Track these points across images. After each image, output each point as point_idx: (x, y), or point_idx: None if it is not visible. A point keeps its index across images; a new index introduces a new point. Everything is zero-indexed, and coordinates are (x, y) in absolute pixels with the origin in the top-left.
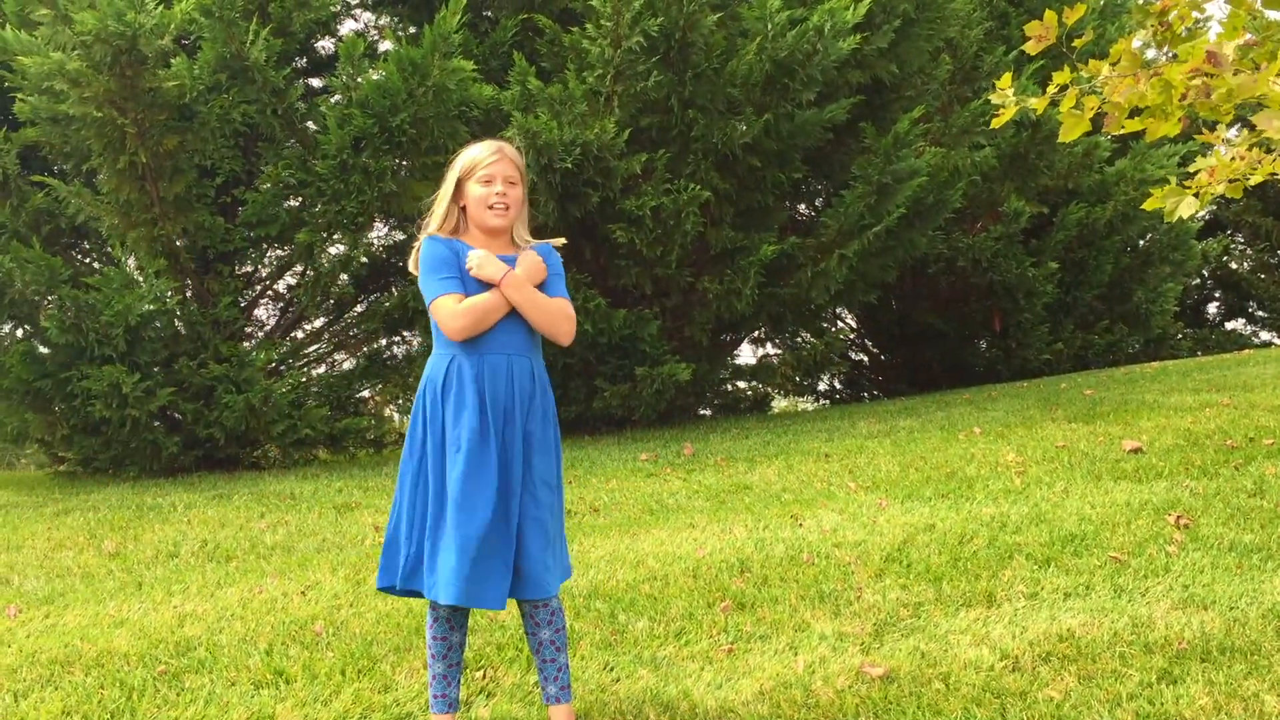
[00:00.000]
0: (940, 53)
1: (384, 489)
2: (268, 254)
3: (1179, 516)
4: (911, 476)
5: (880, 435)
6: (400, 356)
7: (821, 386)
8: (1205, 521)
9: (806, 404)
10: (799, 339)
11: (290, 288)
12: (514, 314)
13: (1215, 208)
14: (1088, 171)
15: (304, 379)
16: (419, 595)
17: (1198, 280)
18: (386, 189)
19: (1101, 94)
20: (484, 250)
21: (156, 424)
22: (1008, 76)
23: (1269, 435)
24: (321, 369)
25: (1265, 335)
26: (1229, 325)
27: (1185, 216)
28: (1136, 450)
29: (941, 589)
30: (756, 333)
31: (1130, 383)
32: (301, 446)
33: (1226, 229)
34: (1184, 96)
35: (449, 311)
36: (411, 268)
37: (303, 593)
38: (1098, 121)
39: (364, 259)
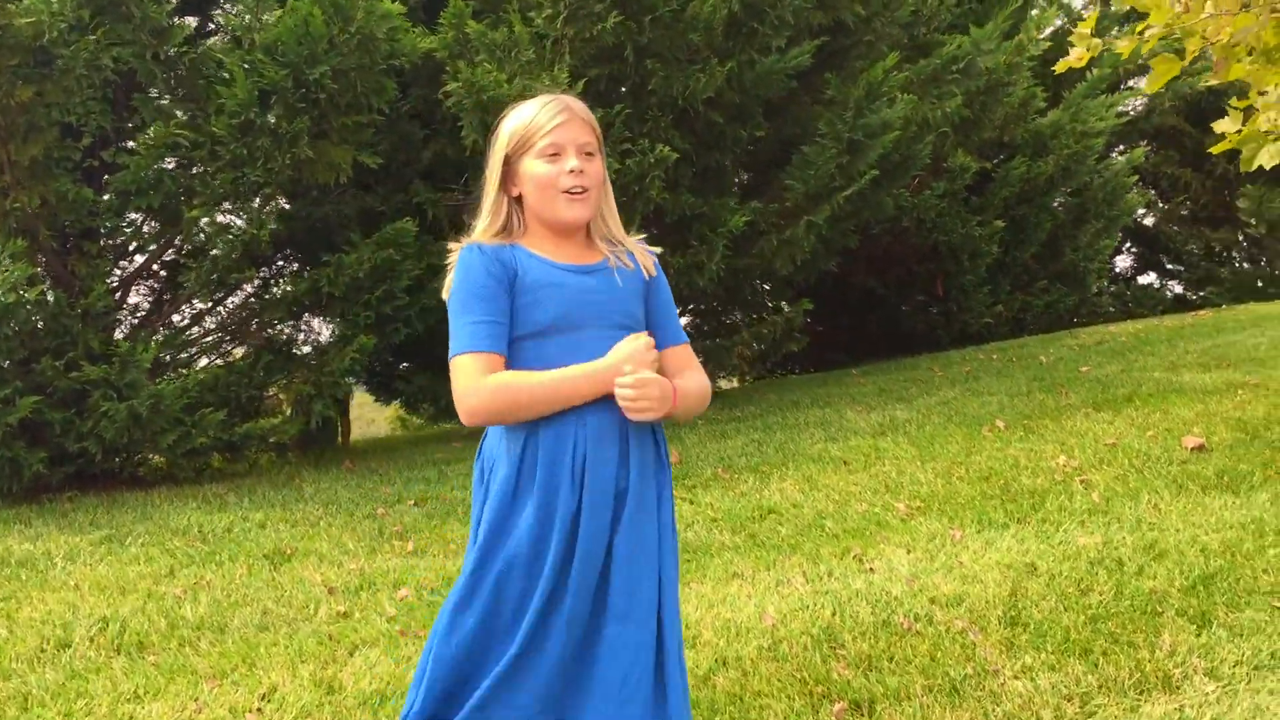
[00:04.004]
0: None
1: (315, 522)
2: (145, 229)
3: None
4: (962, 491)
5: (887, 432)
6: (309, 345)
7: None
8: None
9: (728, 381)
10: (755, 315)
11: (172, 267)
12: (621, 332)
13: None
14: (1022, 124)
15: (201, 377)
16: None
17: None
18: (300, 155)
19: (1204, 34)
20: (631, 353)
21: (17, 440)
22: (1093, 17)
23: None
24: (205, 361)
25: (1178, 289)
26: (1142, 280)
27: (1266, 166)
28: (1200, 448)
29: (1099, 668)
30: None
31: (1115, 355)
32: (194, 457)
33: (1143, 181)
34: None
35: (468, 385)
36: (445, 294)
37: (258, 709)
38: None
39: (267, 238)
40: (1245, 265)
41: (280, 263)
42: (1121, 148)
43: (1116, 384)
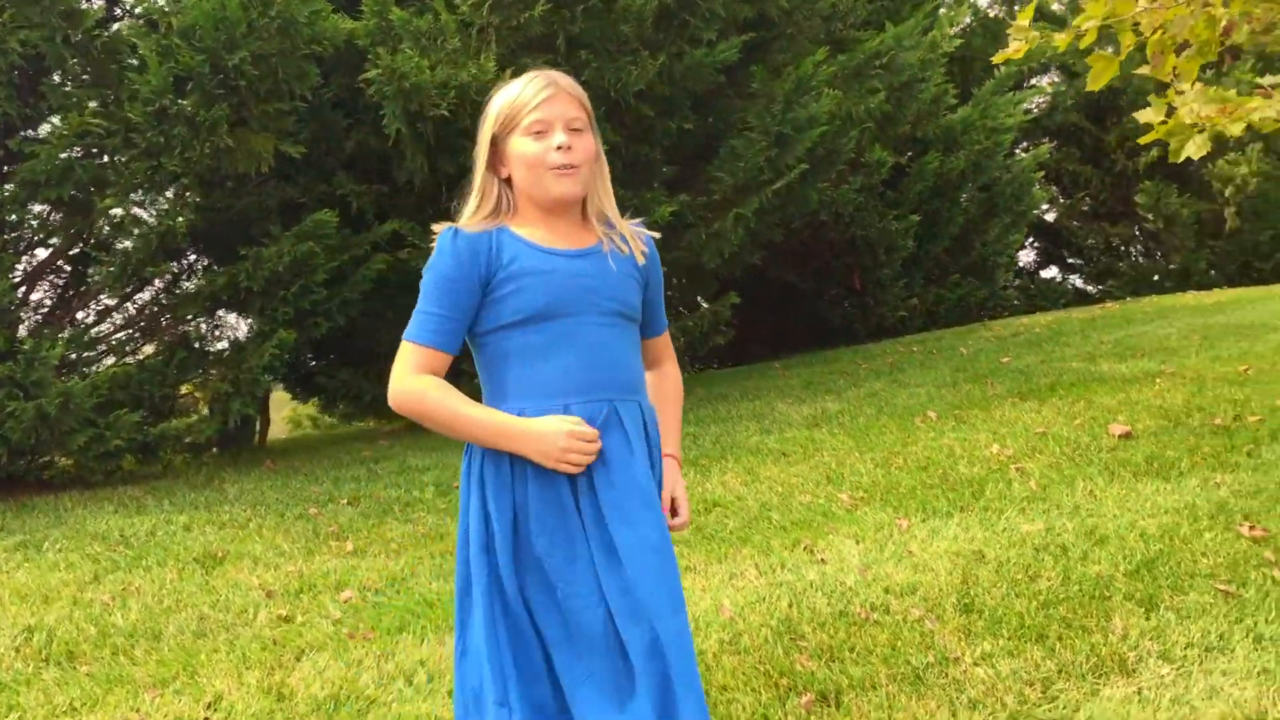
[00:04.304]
0: None
1: (244, 524)
2: (51, 220)
3: (1250, 527)
4: (903, 481)
5: (821, 423)
6: (224, 342)
7: None
8: None
9: None
10: (681, 309)
11: (79, 261)
12: (614, 319)
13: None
14: (934, 120)
15: (114, 373)
16: None
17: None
18: (220, 143)
19: (1139, 30)
20: (568, 430)
21: None
22: (1030, 9)
23: (1249, 411)
24: (112, 360)
25: (1079, 283)
26: (1044, 274)
27: (1195, 157)
28: (1127, 435)
29: (1056, 653)
30: None
31: (1032, 346)
32: (106, 459)
33: (1046, 178)
34: (1226, 31)
35: (398, 374)
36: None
37: (205, 719)
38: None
39: (184, 231)
40: (1142, 260)
41: (193, 256)
42: (1025, 144)
43: (1038, 374)
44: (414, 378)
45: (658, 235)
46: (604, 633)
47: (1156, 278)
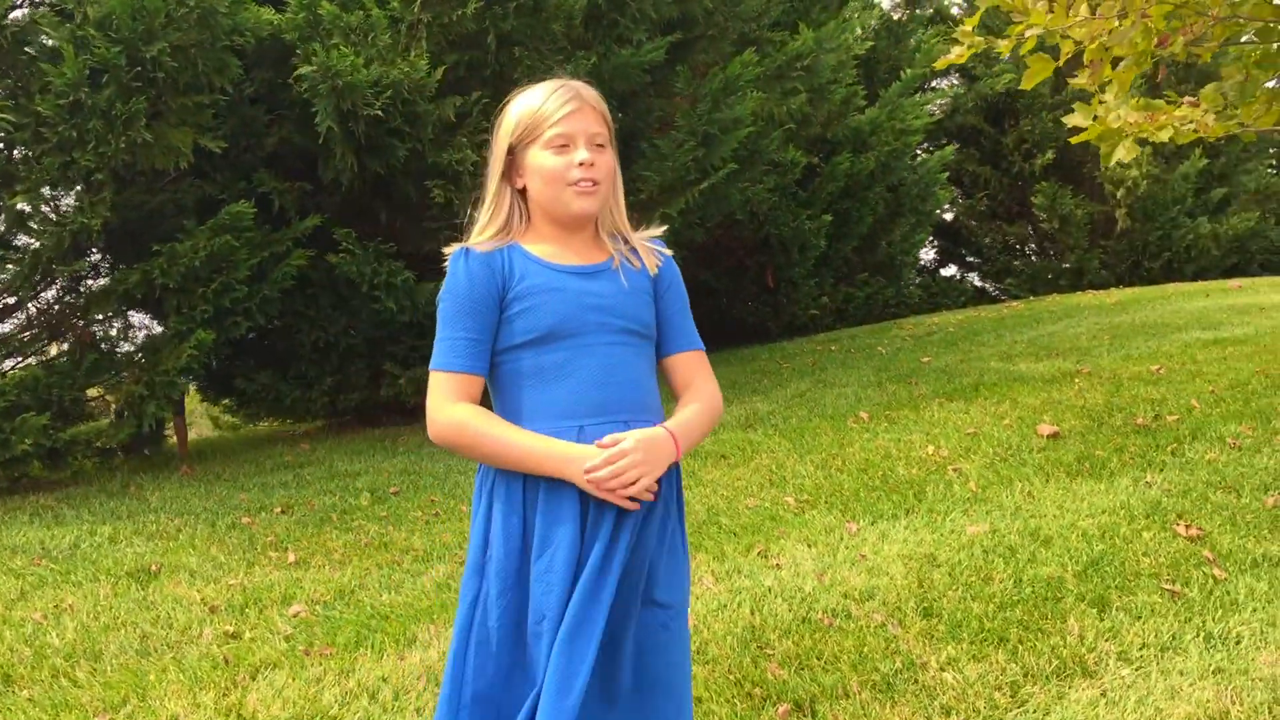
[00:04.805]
0: None
1: (174, 535)
2: None
3: (1186, 526)
4: (845, 484)
5: (754, 424)
6: (134, 343)
7: None
8: (1219, 535)
9: None
10: None
11: None
12: (626, 337)
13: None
14: (843, 121)
15: (21, 376)
16: None
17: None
18: (137, 138)
19: (1075, 38)
20: (604, 447)
21: None
22: (975, 18)
23: (1167, 410)
24: (13, 363)
25: (977, 281)
26: (944, 272)
27: (1125, 160)
28: (1055, 436)
29: (1019, 656)
30: None
31: (948, 345)
32: (12, 465)
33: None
34: (1162, 42)
35: (435, 405)
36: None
37: None
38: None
39: (99, 228)
40: (1036, 259)
41: (96, 255)
42: (927, 146)
43: (960, 374)
44: (451, 407)
45: (670, 253)
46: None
47: (1051, 276)
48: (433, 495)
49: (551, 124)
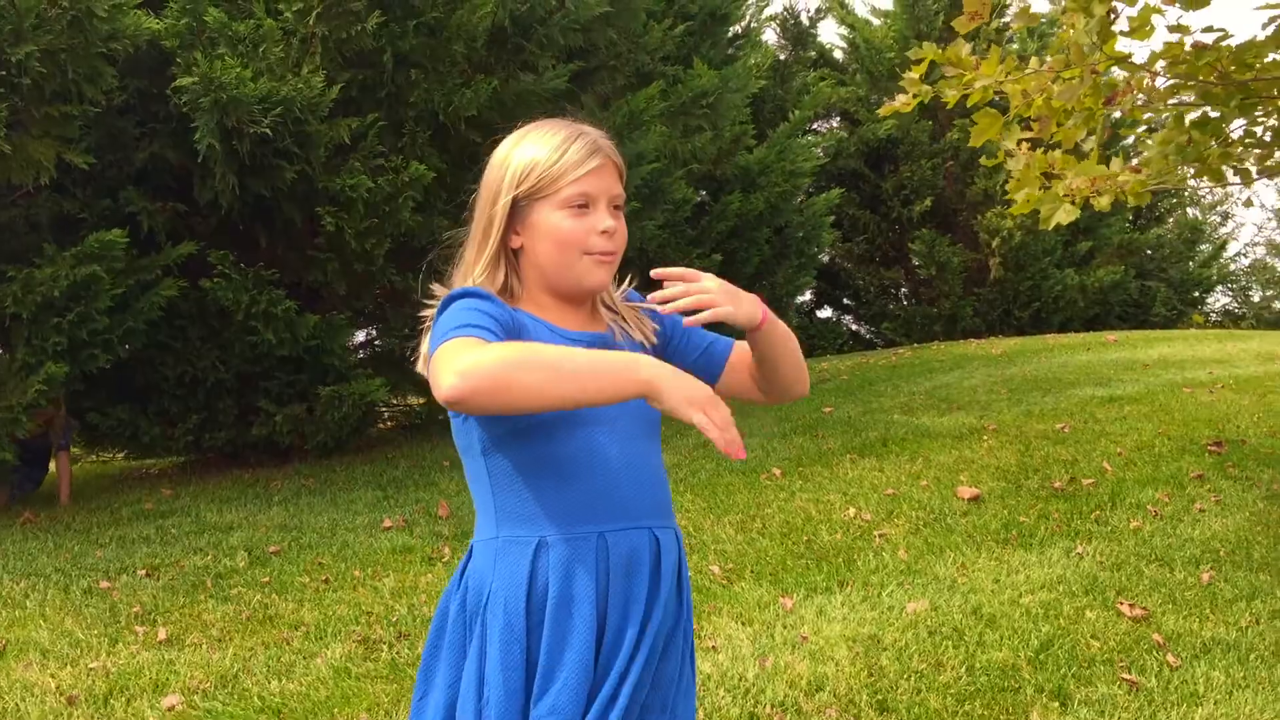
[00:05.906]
0: (652, 19)
1: (20, 601)
2: None
3: (1130, 605)
4: (770, 551)
5: None
6: None
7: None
8: (1162, 616)
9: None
10: None
11: None
12: (646, 425)
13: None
14: (732, 160)
15: None
16: None
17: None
18: None
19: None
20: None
21: None
22: (922, 66)
23: (1080, 473)
24: None
25: (853, 325)
26: (821, 314)
27: (1063, 223)
28: (976, 499)
29: None
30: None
31: (846, 394)
32: None
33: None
34: (1109, 100)
35: (456, 356)
36: (421, 366)
37: None
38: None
39: None
40: (908, 304)
41: None
42: (810, 189)
43: (865, 426)
44: (476, 350)
45: (656, 328)
46: None
47: (925, 322)
48: (319, 557)
49: (572, 180)
